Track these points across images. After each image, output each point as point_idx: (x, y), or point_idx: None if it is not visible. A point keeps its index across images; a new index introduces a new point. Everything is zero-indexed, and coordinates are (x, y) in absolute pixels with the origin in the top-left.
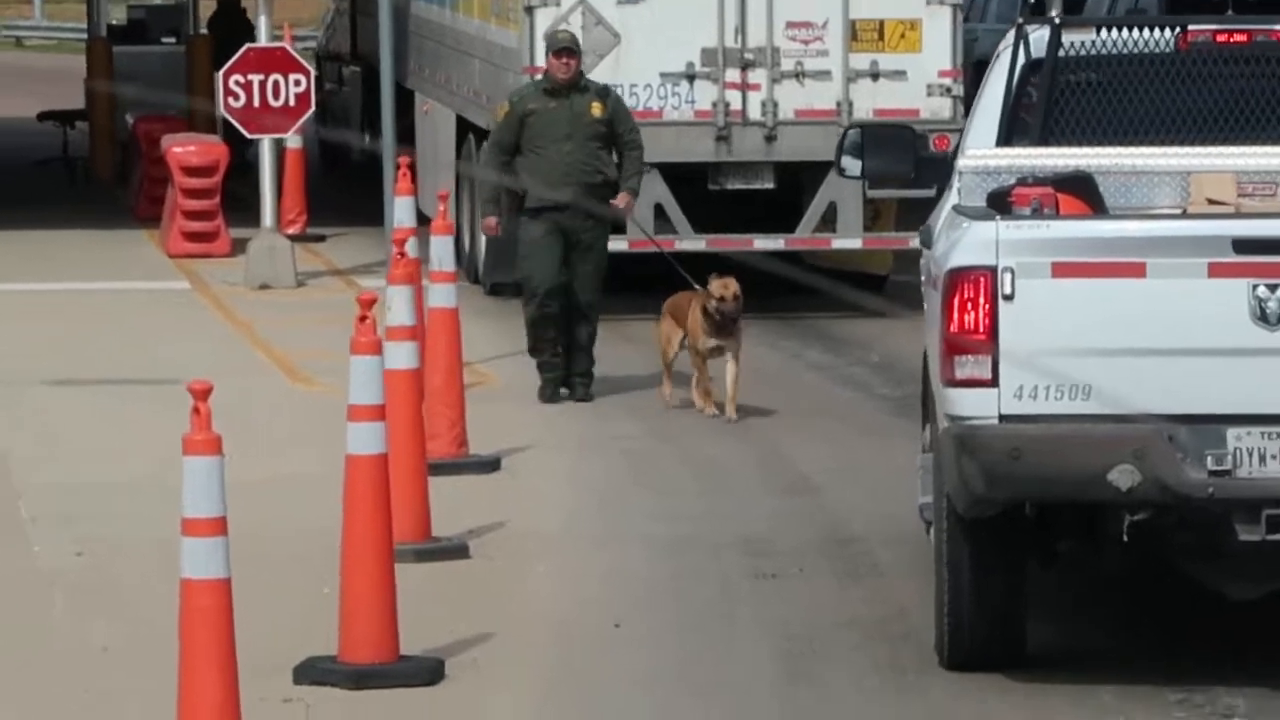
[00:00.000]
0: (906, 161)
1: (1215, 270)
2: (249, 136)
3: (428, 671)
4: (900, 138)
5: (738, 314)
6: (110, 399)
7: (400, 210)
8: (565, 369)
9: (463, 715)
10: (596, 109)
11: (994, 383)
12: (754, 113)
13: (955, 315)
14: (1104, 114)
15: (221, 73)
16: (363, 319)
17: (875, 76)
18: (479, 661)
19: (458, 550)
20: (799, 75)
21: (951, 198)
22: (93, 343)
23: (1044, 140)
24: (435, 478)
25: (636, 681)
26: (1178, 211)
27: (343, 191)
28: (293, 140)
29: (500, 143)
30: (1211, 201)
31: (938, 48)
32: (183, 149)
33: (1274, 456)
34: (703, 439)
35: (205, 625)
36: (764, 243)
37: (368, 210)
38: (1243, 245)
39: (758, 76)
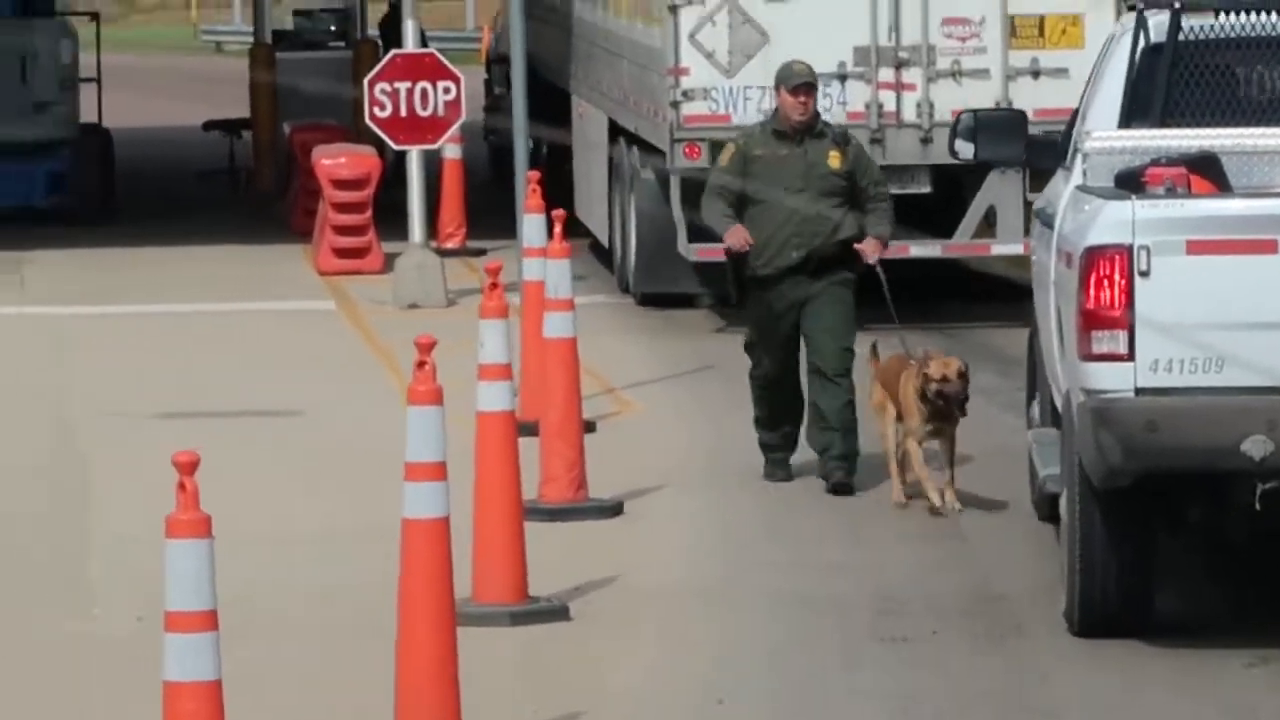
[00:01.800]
0: (1017, 144)
1: None
2: (395, 148)
3: None
4: (1011, 121)
5: (964, 396)
6: (216, 434)
7: (530, 229)
8: (821, 449)
9: None
10: (835, 159)
11: (1130, 357)
12: (909, 114)
13: (1092, 292)
14: (1222, 96)
15: (367, 81)
16: (421, 365)
17: (1036, 74)
18: None
19: (557, 612)
20: (955, 74)
21: (1074, 178)
22: (219, 370)
23: (1164, 122)
24: (549, 524)
25: None
26: None
27: (511, 201)
28: (450, 150)
29: (723, 188)
30: None
31: (1101, 43)
32: (332, 160)
33: None
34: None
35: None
36: (921, 249)
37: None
38: None
39: (913, 76)
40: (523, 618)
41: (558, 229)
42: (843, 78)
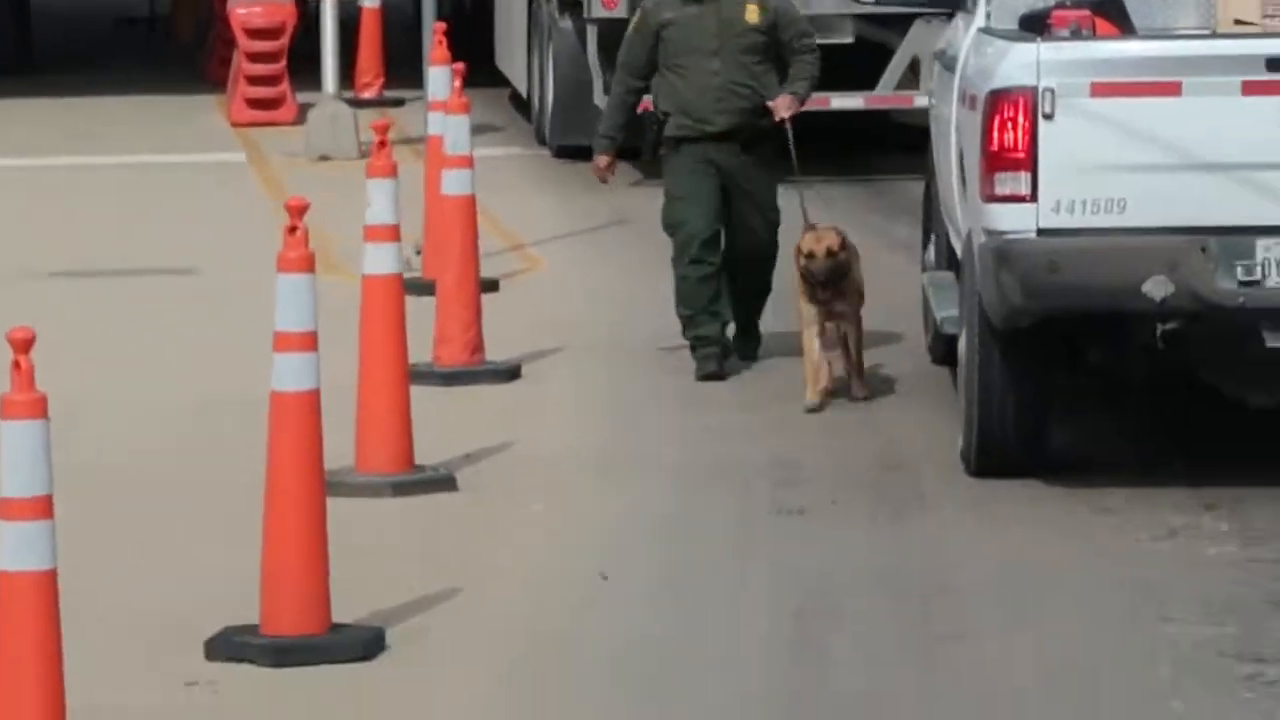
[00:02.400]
0: None
1: (1249, 88)
2: None
3: (362, 645)
4: None
5: (833, 276)
6: (103, 293)
7: (436, 81)
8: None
9: (396, 700)
10: (752, 13)
11: (1033, 198)
12: None
13: (996, 134)
14: None
15: None
16: (291, 230)
17: None
18: (430, 631)
19: (443, 482)
20: None
21: (978, 20)
22: (118, 226)
23: None
24: (443, 388)
25: (610, 654)
26: (1209, 32)
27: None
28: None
29: (630, 63)
30: (1238, 22)
31: None
32: (246, 9)
33: None
34: (765, 345)
35: (26, 622)
36: (842, 101)
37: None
38: (1275, 63)
39: None
40: (406, 488)
41: (456, 83)
42: None
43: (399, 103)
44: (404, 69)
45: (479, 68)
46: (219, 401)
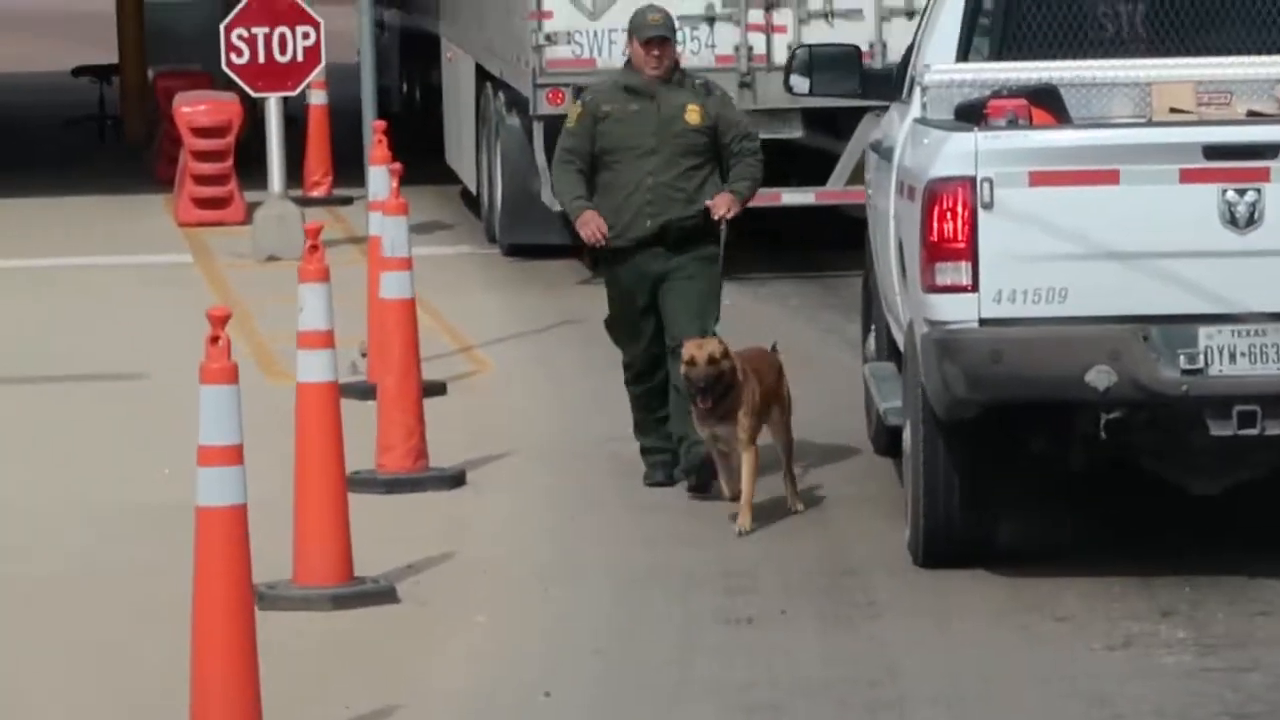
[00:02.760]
0: (853, 78)
1: (1186, 176)
2: (253, 95)
3: None
4: (846, 55)
5: (712, 384)
6: (47, 400)
7: (376, 181)
8: (674, 449)
9: None
10: (694, 114)
11: (974, 288)
12: (779, 57)
13: (935, 224)
14: (1058, 28)
15: (223, 26)
16: (214, 340)
17: (910, 14)
18: None
19: (383, 594)
20: (828, 15)
21: (913, 111)
22: (63, 330)
23: (1001, 55)
24: (386, 496)
25: None
26: (1145, 121)
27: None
28: (315, 95)
29: (571, 153)
30: (1174, 110)
31: None
32: (191, 108)
33: (1243, 354)
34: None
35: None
36: (793, 196)
37: (413, 167)
38: (1213, 151)
39: (783, 17)
40: (345, 600)
41: (393, 184)
42: (711, 20)
43: (347, 201)
44: (353, 167)
45: (430, 164)
46: (150, 509)
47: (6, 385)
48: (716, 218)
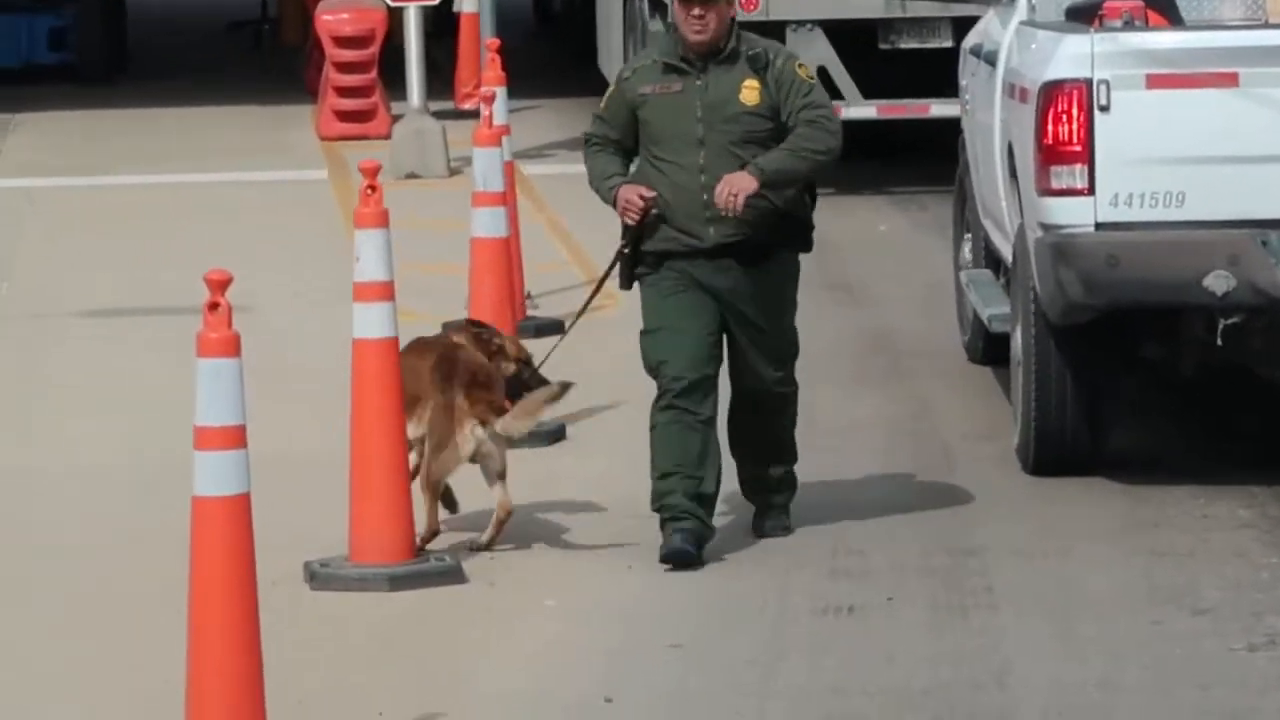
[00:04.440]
0: None
1: None
2: (391, 4)
3: None
4: None
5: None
6: (140, 335)
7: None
8: (756, 495)
9: None
10: (750, 92)
11: (1090, 191)
12: None
13: (1051, 127)
14: None
15: None
16: (213, 306)
17: None
18: None
19: (448, 574)
20: None
21: (1019, 13)
22: (179, 255)
23: None
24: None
25: None
26: (1263, 23)
27: (554, 52)
28: (468, 1)
29: (602, 141)
30: None
31: None
32: (333, 16)
33: None
34: None
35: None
36: (942, 108)
37: (576, 76)
38: None
39: None
40: (404, 581)
41: (485, 111)
42: None
43: None
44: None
45: (586, 71)
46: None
47: (106, 320)
48: (721, 208)
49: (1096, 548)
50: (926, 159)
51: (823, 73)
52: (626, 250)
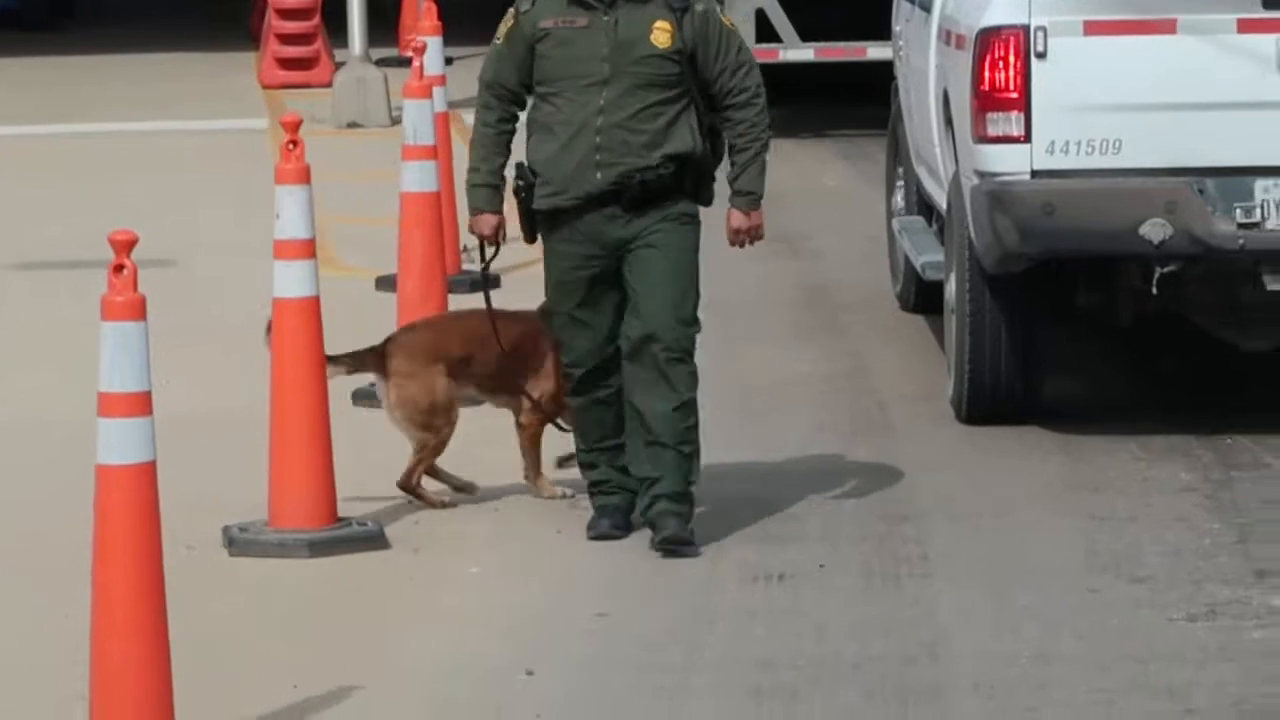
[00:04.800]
0: None
1: (1244, 26)
2: None
3: None
4: None
5: None
6: (66, 288)
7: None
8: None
9: None
10: (661, 34)
11: (1027, 139)
12: None
13: (987, 73)
14: None
15: None
16: (118, 268)
17: None
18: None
19: (370, 539)
20: None
21: None
22: (111, 206)
23: None
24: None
25: None
26: None
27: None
28: None
29: (496, 81)
30: None
31: None
32: None
33: None
34: None
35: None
36: (880, 51)
37: None
38: (1272, 1)
39: None
40: (324, 547)
41: (416, 62)
42: None
43: (448, 61)
44: (461, 20)
45: None
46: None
47: (34, 272)
48: (736, 244)
49: (1034, 511)
50: (868, 103)
51: (760, 15)
52: (486, 270)
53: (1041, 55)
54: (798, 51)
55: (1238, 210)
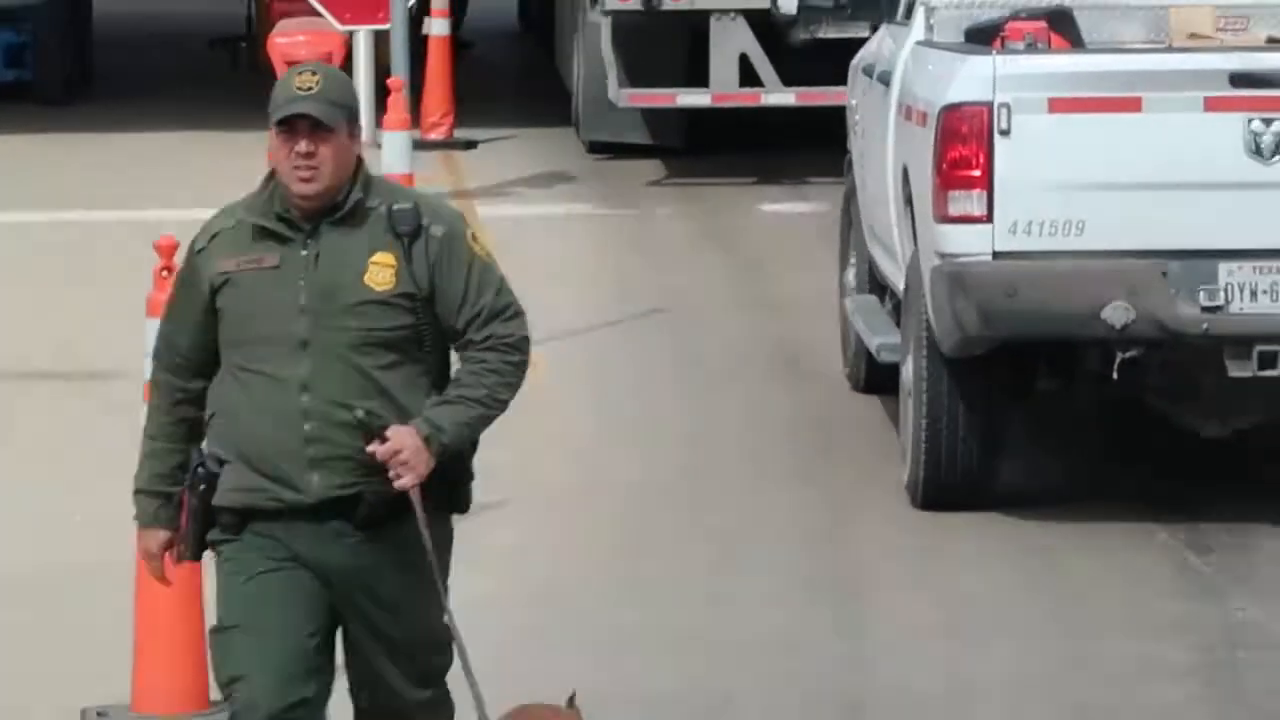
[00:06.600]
0: None
1: (1211, 104)
2: (340, 29)
3: None
4: None
5: None
6: (60, 400)
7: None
8: None
9: None
10: (380, 270)
11: (989, 219)
12: None
13: (949, 151)
14: None
15: None
16: (165, 273)
17: None
18: None
19: None
20: None
21: (915, 33)
22: (114, 309)
23: None
24: None
25: None
26: (1168, 46)
27: (532, 56)
28: (436, 25)
29: (168, 347)
30: (1193, 36)
31: None
32: (287, 39)
33: (1265, 292)
34: None
35: None
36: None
37: (552, 106)
38: (1239, 79)
39: None
40: None
41: (391, 97)
42: None
43: (471, 145)
44: (481, 106)
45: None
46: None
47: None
48: (397, 485)
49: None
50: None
51: (744, 60)
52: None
53: (1005, 133)
54: (779, 95)
55: (1201, 293)
